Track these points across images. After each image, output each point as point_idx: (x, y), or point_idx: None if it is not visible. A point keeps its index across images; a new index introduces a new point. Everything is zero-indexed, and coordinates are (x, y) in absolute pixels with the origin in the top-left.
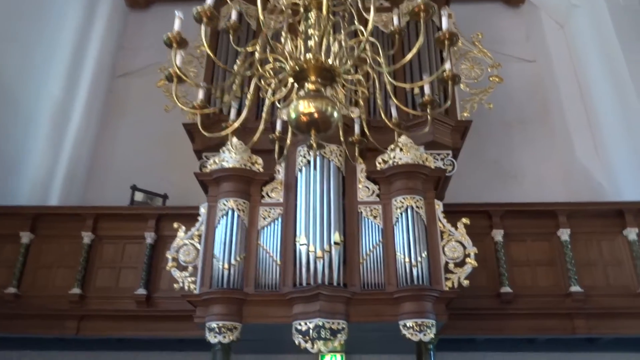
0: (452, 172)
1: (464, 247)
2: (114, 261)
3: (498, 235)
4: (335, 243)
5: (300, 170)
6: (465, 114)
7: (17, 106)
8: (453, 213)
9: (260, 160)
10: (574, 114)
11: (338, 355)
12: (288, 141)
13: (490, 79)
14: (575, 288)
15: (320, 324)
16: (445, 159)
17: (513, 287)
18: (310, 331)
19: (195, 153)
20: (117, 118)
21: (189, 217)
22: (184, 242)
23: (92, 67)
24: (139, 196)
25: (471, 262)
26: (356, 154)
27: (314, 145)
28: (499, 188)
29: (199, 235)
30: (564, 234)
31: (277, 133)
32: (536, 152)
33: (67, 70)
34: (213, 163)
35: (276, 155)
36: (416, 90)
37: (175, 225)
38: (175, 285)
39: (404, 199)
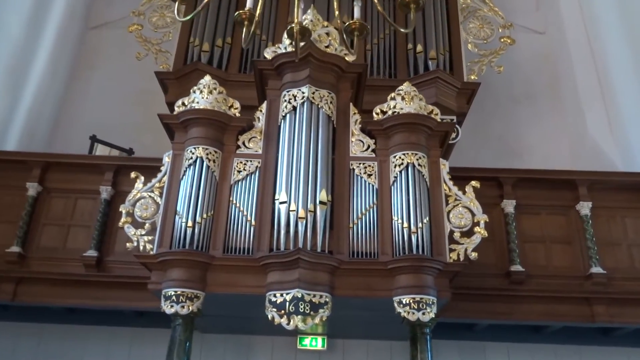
0: (456, 140)
1: (473, 214)
2: (63, 218)
3: (509, 206)
4: (321, 203)
5: (284, 118)
6: (472, 77)
7: None
8: (458, 179)
9: (237, 104)
10: (586, 88)
11: (319, 338)
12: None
13: (502, 40)
14: (596, 269)
15: (299, 295)
16: None
17: (524, 265)
18: (287, 304)
19: (168, 106)
20: (88, 71)
21: (153, 170)
22: (142, 195)
23: (61, 13)
24: (100, 150)
25: (481, 231)
26: (355, 44)
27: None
28: (503, 166)
29: (161, 188)
30: (584, 208)
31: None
32: (544, 128)
33: (30, 10)
34: (182, 105)
35: (242, 41)
36: (419, 49)
37: (133, 174)
38: (128, 245)
39: (404, 155)
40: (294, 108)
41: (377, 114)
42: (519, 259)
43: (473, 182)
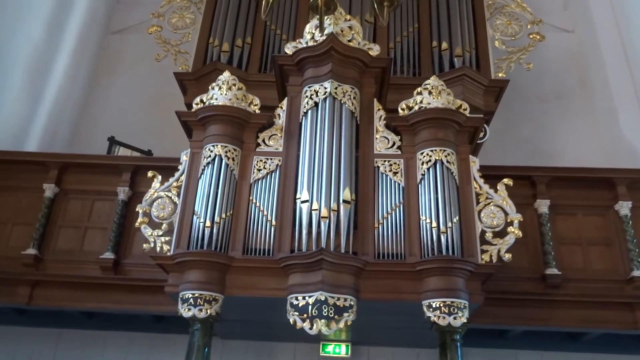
0: (484, 140)
1: (506, 214)
2: (80, 220)
3: (543, 206)
4: (345, 201)
5: (306, 115)
6: (500, 74)
7: None
8: (488, 178)
9: (257, 101)
10: (619, 86)
11: (343, 345)
12: None
13: (530, 36)
14: (638, 273)
15: (323, 298)
16: None
17: (560, 269)
18: (310, 307)
19: (187, 108)
20: (109, 75)
21: (171, 170)
22: (159, 195)
23: (82, 18)
24: (119, 152)
25: (514, 231)
26: (385, 13)
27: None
28: None
29: (178, 187)
30: (624, 208)
31: None
32: (576, 129)
33: (51, 15)
34: (200, 102)
35: (262, 11)
36: (444, 46)
37: (150, 174)
38: (145, 245)
39: (431, 151)
40: (316, 104)
41: (403, 109)
42: (554, 262)
43: (505, 180)
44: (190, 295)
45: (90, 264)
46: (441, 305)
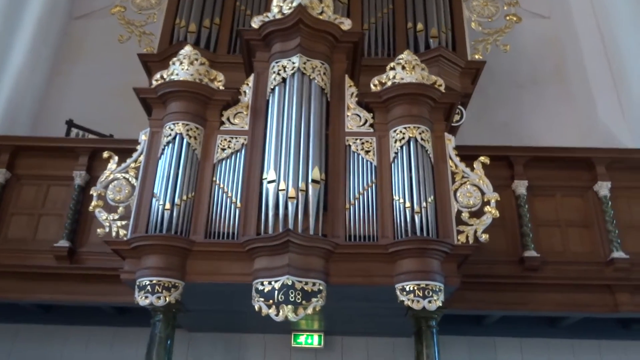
0: (460, 122)
1: (482, 193)
2: (33, 206)
3: (521, 187)
4: (314, 181)
5: (273, 91)
6: (477, 56)
7: None
8: (464, 158)
9: (221, 77)
10: (596, 72)
11: (315, 335)
12: None
13: (507, 17)
14: (618, 254)
15: (290, 283)
16: None
17: (539, 251)
18: (276, 292)
19: None
20: (72, 62)
21: (133, 152)
22: (116, 176)
23: (42, 3)
24: (76, 135)
25: (491, 211)
26: None
27: None
28: None
29: (137, 169)
30: (603, 188)
31: None
32: (552, 114)
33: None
34: (160, 78)
35: None
36: (419, 27)
37: (106, 154)
38: (99, 231)
39: (405, 129)
40: (284, 80)
41: (375, 85)
42: (532, 244)
43: (482, 158)
44: (148, 282)
45: (44, 253)
46: (415, 288)
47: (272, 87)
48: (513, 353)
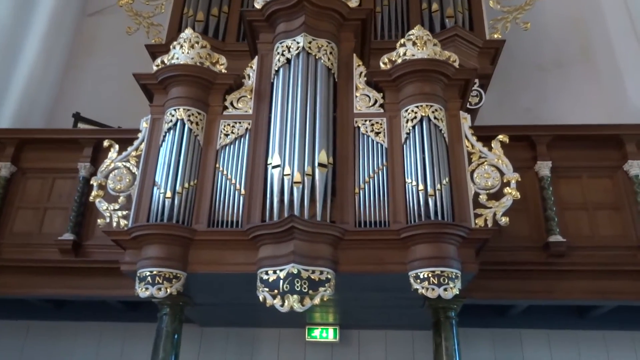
0: (479, 105)
1: (501, 173)
2: (39, 200)
3: (544, 168)
4: (321, 165)
5: (277, 73)
6: (496, 35)
7: None
8: (482, 139)
9: (223, 60)
10: (625, 51)
11: (330, 329)
12: None
13: None
14: None
15: (295, 271)
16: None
17: (565, 236)
18: (281, 282)
19: None
20: (86, 58)
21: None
22: (116, 165)
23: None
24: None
25: (511, 192)
26: None
27: None
28: None
29: (138, 157)
30: (634, 167)
31: None
32: (578, 97)
33: None
34: (161, 63)
35: None
36: (434, 7)
37: (106, 143)
38: (100, 221)
39: (417, 107)
40: (288, 61)
41: (385, 64)
42: (558, 229)
43: (500, 136)
44: (148, 273)
45: (49, 247)
46: (430, 275)
47: (276, 68)
48: (540, 346)
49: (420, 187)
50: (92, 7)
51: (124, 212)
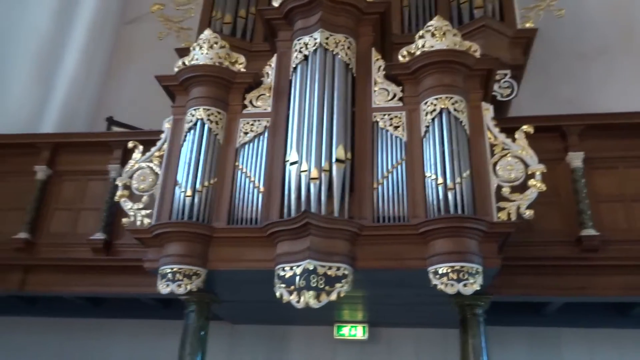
0: (512, 97)
1: (526, 165)
2: (73, 201)
3: (576, 159)
4: (338, 160)
5: (295, 70)
6: (528, 24)
7: None
8: (508, 131)
9: (242, 59)
10: None
11: (359, 327)
12: None
13: None
14: None
15: (311, 267)
16: (502, 80)
17: (600, 230)
18: (297, 278)
19: None
20: (125, 64)
21: None
22: (140, 166)
23: (93, 10)
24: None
25: (536, 184)
26: None
27: None
28: None
29: (161, 157)
30: None
31: None
32: (624, 86)
33: (59, 6)
34: (181, 65)
35: None
36: None
37: (131, 144)
38: (124, 220)
39: (436, 100)
40: (306, 57)
41: (404, 56)
42: (591, 222)
43: (525, 127)
44: (169, 270)
45: (82, 246)
46: (449, 271)
47: (294, 65)
48: (579, 346)
49: (440, 180)
50: (129, 16)
51: (148, 211)
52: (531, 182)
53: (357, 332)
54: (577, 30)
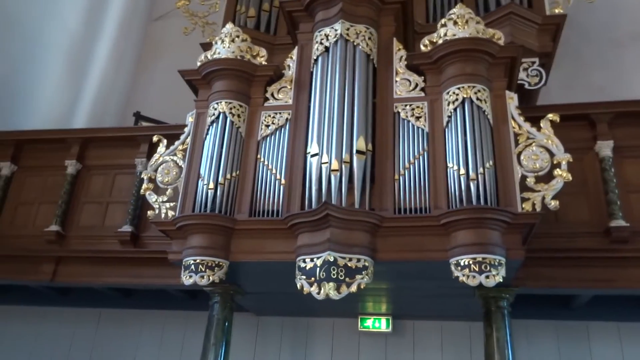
0: (540, 85)
1: (551, 155)
2: (101, 195)
3: (605, 148)
4: (359, 152)
5: (316, 62)
6: (557, 10)
7: (23, 31)
8: (533, 120)
9: (263, 52)
10: None
11: (383, 319)
12: None
13: None
14: None
15: (331, 259)
16: (530, 68)
17: (629, 220)
18: (317, 270)
19: None
20: (154, 60)
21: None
22: (164, 159)
23: (122, 8)
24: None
25: (562, 174)
26: None
27: None
28: None
29: (184, 151)
30: None
31: None
32: None
33: (88, 4)
34: (204, 58)
35: None
36: None
37: (155, 138)
38: (150, 213)
39: (459, 89)
40: (327, 49)
41: (426, 46)
42: (620, 213)
43: (550, 115)
44: (192, 262)
45: (110, 238)
46: (471, 262)
47: (315, 57)
48: (609, 339)
49: (462, 171)
50: (156, 13)
51: (172, 204)
52: (557, 171)
53: (381, 324)
54: (609, 16)
